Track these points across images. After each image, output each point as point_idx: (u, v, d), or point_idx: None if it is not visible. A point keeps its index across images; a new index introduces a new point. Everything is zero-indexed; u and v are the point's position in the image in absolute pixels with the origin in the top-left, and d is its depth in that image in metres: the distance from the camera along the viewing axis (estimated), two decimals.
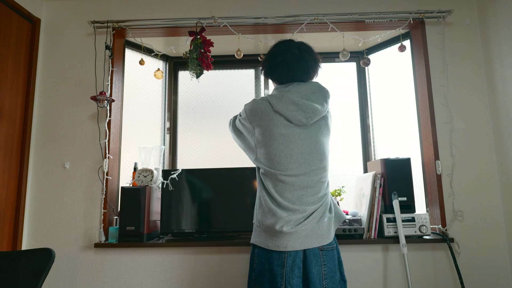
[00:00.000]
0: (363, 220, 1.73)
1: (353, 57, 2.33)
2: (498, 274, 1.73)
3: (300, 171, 1.19)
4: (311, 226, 1.17)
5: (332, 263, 1.20)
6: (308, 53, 1.28)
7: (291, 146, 1.20)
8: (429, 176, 1.87)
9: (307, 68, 1.28)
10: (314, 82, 1.29)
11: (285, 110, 1.21)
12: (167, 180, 1.82)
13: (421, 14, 1.91)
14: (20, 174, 1.84)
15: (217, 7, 2.03)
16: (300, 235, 1.16)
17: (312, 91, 1.25)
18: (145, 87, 2.26)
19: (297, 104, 1.20)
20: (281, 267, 1.15)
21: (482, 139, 1.85)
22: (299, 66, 1.27)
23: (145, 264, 1.77)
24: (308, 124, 1.22)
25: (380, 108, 2.24)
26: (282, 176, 1.19)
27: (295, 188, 1.18)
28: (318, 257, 1.18)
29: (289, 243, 1.15)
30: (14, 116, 1.83)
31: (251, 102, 1.28)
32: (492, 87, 1.86)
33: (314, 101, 1.23)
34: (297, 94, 1.23)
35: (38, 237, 1.84)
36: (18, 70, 1.86)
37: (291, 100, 1.21)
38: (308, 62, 1.28)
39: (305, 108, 1.20)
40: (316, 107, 1.22)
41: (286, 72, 1.28)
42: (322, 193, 1.22)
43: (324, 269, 1.18)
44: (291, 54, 1.27)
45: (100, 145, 1.90)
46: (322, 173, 1.22)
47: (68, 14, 2.05)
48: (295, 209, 1.17)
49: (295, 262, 1.16)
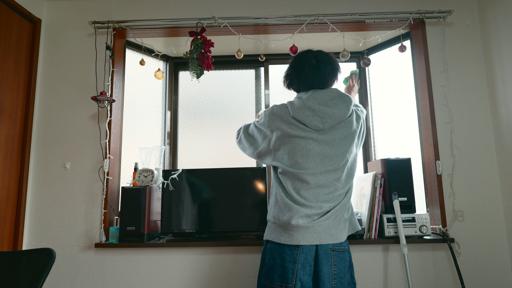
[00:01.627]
0: (364, 220, 1.73)
1: (353, 57, 2.33)
2: (498, 274, 1.73)
3: (316, 171, 1.24)
4: (327, 224, 1.22)
5: (343, 265, 1.23)
6: (324, 63, 1.34)
7: (308, 147, 1.25)
8: (430, 176, 1.87)
9: (323, 77, 1.33)
10: (333, 89, 1.34)
11: (301, 116, 1.27)
12: (168, 180, 1.82)
13: (421, 14, 1.91)
14: (21, 174, 1.84)
15: (218, 8, 2.03)
16: (316, 230, 1.21)
17: (331, 97, 1.30)
18: (145, 87, 2.26)
19: (313, 110, 1.26)
20: (293, 263, 1.17)
21: (483, 139, 1.85)
22: (316, 76, 1.33)
23: (145, 264, 1.77)
24: (325, 128, 1.27)
25: (380, 108, 2.24)
26: (300, 175, 1.24)
27: (311, 186, 1.23)
28: (329, 256, 1.21)
29: (303, 237, 1.19)
30: (15, 116, 1.83)
31: (271, 107, 1.37)
32: (492, 87, 1.86)
33: (333, 106, 1.28)
34: (314, 101, 1.28)
35: (38, 237, 1.84)
36: (19, 70, 1.86)
37: (307, 106, 1.27)
38: (325, 71, 1.33)
39: (321, 114, 1.26)
40: (334, 112, 1.27)
41: (304, 82, 1.35)
42: (338, 193, 1.26)
43: (335, 269, 1.21)
44: (308, 65, 1.34)
45: (100, 145, 1.90)
46: (338, 174, 1.27)
47: (69, 15, 2.05)
48: (311, 206, 1.22)
49: (306, 260, 1.19)
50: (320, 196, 1.23)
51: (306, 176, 1.24)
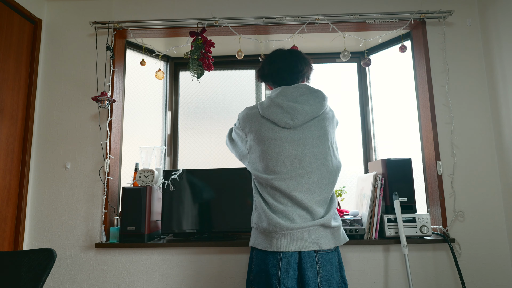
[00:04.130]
0: (364, 221, 1.73)
1: (354, 58, 2.33)
2: (499, 275, 1.73)
3: (287, 175, 1.19)
4: (307, 231, 1.17)
5: (329, 266, 1.19)
6: (297, 58, 1.32)
7: (277, 150, 1.21)
8: (430, 177, 1.87)
9: (295, 71, 1.31)
10: (303, 84, 1.29)
11: (270, 114, 1.23)
12: (168, 180, 1.82)
13: (422, 14, 1.91)
14: (22, 174, 1.84)
15: (218, 8, 2.03)
16: (295, 236, 1.16)
17: (300, 93, 1.26)
18: (146, 88, 2.26)
19: (282, 106, 1.22)
20: (276, 269, 1.15)
21: (483, 140, 1.85)
22: (286, 70, 1.31)
23: (146, 264, 1.77)
24: (295, 126, 1.22)
25: (381, 109, 2.24)
26: (271, 181, 1.20)
27: (283, 192, 1.18)
28: (313, 259, 1.17)
29: (283, 244, 1.16)
30: (16, 116, 1.83)
31: (244, 110, 1.34)
32: (493, 87, 1.86)
33: (303, 102, 1.24)
34: (283, 98, 1.25)
35: (39, 237, 1.85)
36: (19, 70, 1.86)
37: (276, 103, 1.23)
38: (296, 66, 1.31)
39: (290, 110, 1.21)
40: (304, 108, 1.22)
41: (275, 77, 1.33)
42: (316, 198, 1.20)
43: (320, 272, 1.17)
44: (280, 59, 1.32)
45: (101, 146, 1.90)
46: (312, 177, 1.19)
47: (70, 15, 2.05)
48: (286, 211, 1.18)
49: (290, 264, 1.16)
50: (296, 200, 1.18)
51: (277, 182, 1.18)
